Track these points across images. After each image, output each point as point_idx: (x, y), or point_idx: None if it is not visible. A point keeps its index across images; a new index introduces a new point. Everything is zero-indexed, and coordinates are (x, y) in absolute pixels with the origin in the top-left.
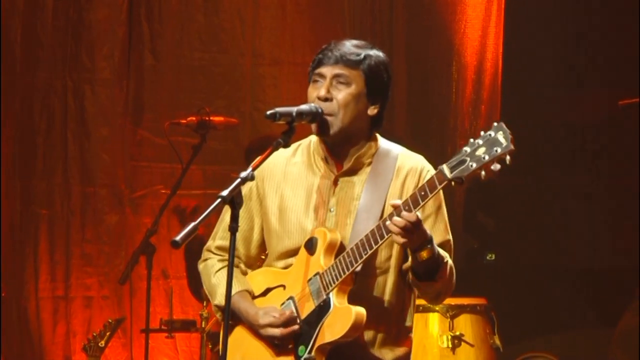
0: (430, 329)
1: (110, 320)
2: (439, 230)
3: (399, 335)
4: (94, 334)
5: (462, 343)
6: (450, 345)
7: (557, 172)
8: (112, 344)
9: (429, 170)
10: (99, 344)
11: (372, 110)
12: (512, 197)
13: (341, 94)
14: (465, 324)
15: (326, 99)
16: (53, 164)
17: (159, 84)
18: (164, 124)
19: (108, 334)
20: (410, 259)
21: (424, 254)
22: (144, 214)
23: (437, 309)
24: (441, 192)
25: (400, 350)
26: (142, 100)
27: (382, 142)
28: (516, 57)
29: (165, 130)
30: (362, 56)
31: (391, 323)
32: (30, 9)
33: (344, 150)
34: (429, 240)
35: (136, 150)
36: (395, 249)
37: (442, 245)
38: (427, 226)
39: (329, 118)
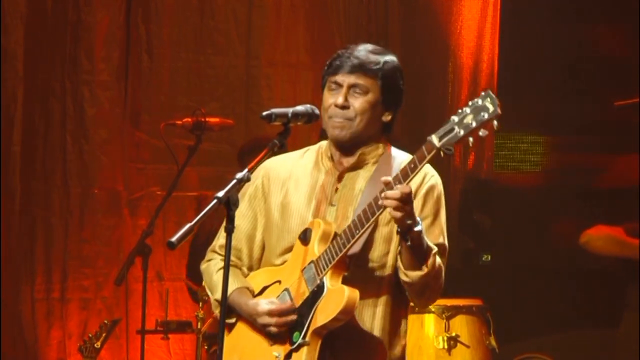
0: (426, 330)
1: (106, 321)
2: (433, 233)
3: (396, 330)
4: (90, 335)
5: (458, 344)
6: (446, 346)
7: (554, 172)
8: (107, 345)
9: (433, 175)
10: (95, 345)
11: (386, 117)
12: (508, 197)
13: (358, 102)
14: (461, 325)
15: (343, 107)
16: (52, 165)
17: (155, 85)
18: (160, 125)
19: (104, 335)
20: (399, 247)
21: (414, 235)
22: (140, 215)
23: (432, 309)
24: (443, 199)
25: (395, 352)
26: (139, 102)
27: (392, 149)
28: (512, 58)
29: (161, 132)
30: (380, 65)
31: (388, 317)
32: (31, 11)
33: (353, 151)
34: (418, 223)
35: (133, 151)
36: (393, 244)
37: (436, 248)
38: (423, 227)
39: (345, 122)
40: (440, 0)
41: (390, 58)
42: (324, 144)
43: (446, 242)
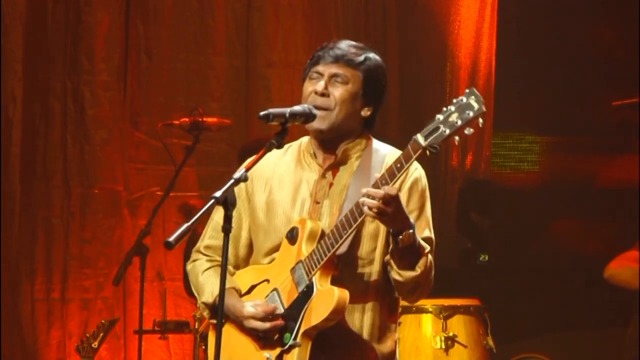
0: (423, 330)
1: (103, 321)
2: (420, 227)
3: (385, 327)
4: (88, 335)
5: (456, 344)
6: (443, 346)
7: (552, 172)
8: (106, 345)
9: (417, 168)
10: (92, 345)
11: (365, 112)
12: (506, 197)
13: (338, 91)
14: (459, 325)
15: (323, 94)
16: (52, 165)
17: (155, 86)
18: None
19: (101, 335)
20: (391, 247)
21: (405, 238)
22: (140, 216)
23: (430, 309)
24: (427, 191)
25: (387, 344)
26: (139, 103)
27: (374, 141)
28: (510, 59)
29: (159, 132)
30: (362, 57)
31: (377, 315)
32: (30, 12)
33: (334, 146)
34: (411, 225)
35: (133, 152)
36: (380, 240)
37: (424, 241)
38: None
39: (324, 112)
40: (439, 1)
41: (373, 55)
42: (305, 139)
43: (433, 235)
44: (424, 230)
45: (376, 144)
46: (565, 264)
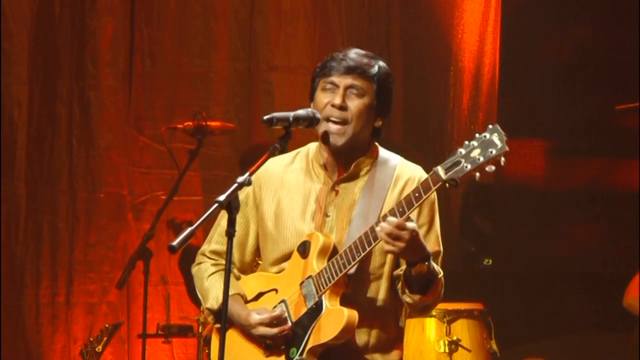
0: (427, 334)
1: (107, 325)
2: (430, 241)
3: (391, 340)
4: (91, 339)
5: (459, 348)
6: (447, 351)
7: (555, 176)
8: (110, 349)
9: None
10: (96, 349)
11: (377, 123)
12: (510, 201)
13: (354, 104)
14: (462, 329)
15: (341, 107)
16: (58, 169)
17: (159, 90)
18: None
19: (105, 339)
20: (401, 267)
21: (420, 269)
22: (144, 220)
23: (434, 314)
24: (436, 203)
25: (392, 356)
26: (143, 107)
27: (382, 152)
28: (513, 63)
29: (163, 136)
30: (375, 68)
31: (383, 328)
32: (36, 16)
33: (345, 158)
34: (427, 256)
35: (138, 156)
36: (389, 255)
37: (432, 255)
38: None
39: (340, 127)
40: (442, 5)
41: (382, 64)
42: (313, 146)
43: (441, 248)
44: (434, 245)
45: (383, 153)
46: (569, 267)
